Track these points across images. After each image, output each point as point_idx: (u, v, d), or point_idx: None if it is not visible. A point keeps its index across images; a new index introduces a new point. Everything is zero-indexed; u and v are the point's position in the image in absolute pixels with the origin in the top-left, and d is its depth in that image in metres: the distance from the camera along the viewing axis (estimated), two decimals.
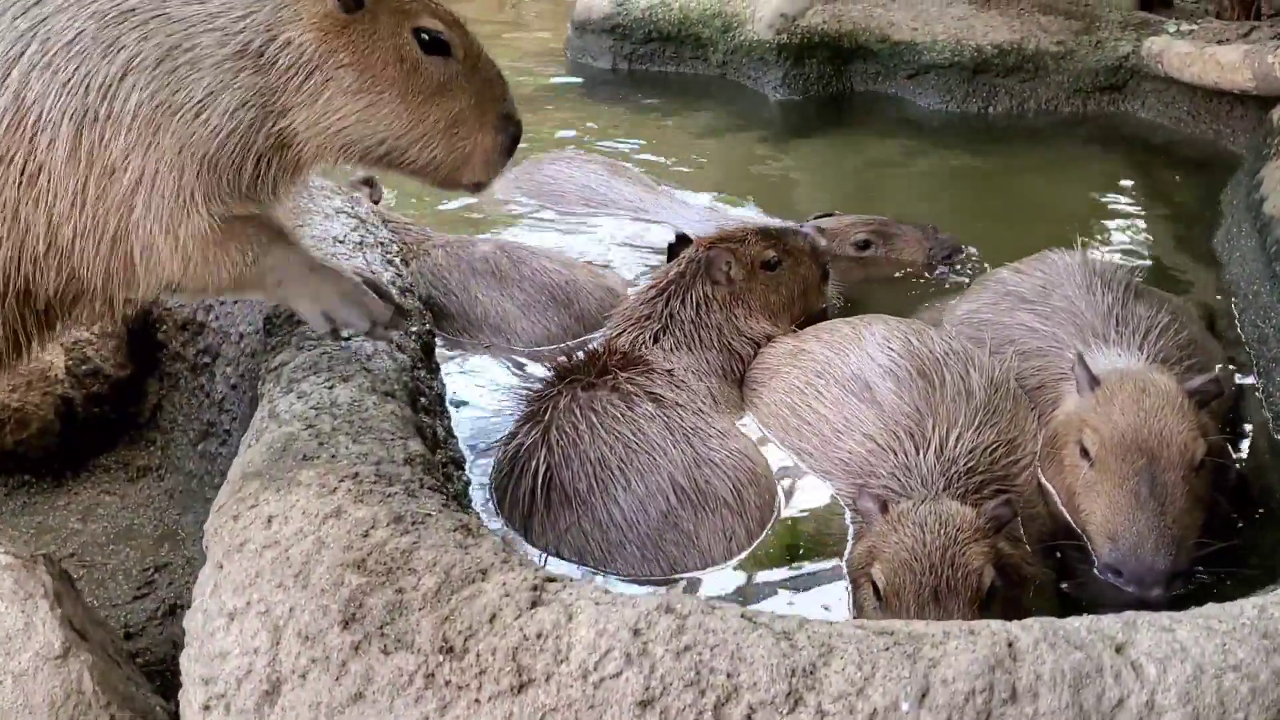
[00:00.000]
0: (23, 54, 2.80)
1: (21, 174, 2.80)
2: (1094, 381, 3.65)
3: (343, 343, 3.38)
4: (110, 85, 2.80)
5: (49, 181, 2.80)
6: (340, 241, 4.25)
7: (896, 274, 5.41)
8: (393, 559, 2.40)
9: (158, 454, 4.46)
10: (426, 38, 3.03)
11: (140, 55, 2.82)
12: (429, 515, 2.52)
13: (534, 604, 2.28)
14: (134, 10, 2.84)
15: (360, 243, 4.32)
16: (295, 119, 2.94)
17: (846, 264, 5.35)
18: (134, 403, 4.43)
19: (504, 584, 2.31)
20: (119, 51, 2.81)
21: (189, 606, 2.63)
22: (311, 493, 2.58)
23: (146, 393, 4.44)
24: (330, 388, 3.15)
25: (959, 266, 5.38)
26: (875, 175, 6.77)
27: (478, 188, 3.25)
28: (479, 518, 3.21)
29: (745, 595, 3.48)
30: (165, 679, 3.19)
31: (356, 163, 3.13)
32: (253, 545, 2.50)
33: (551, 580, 2.37)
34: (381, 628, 2.33)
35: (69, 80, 2.79)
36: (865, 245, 5.46)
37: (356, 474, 2.65)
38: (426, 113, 3.04)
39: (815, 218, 5.55)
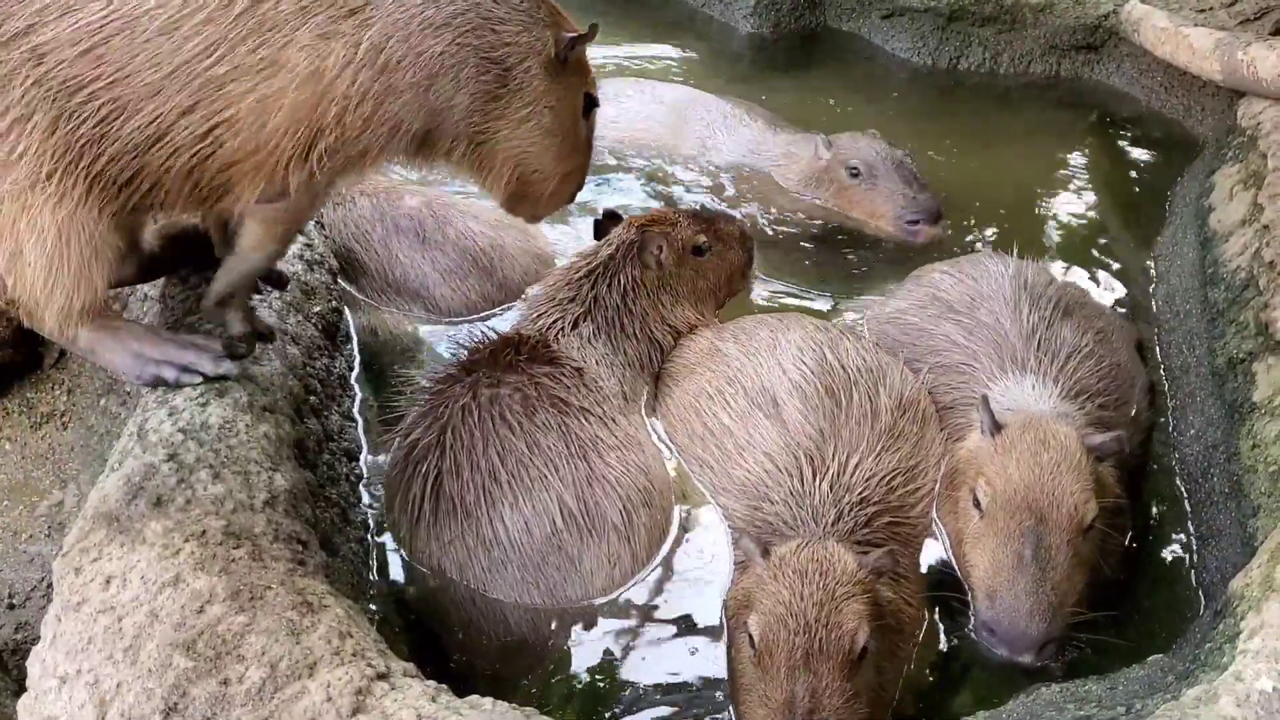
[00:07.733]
0: None
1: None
2: (996, 427, 3.59)
3: None
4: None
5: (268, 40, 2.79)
6: None
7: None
8: (223, 642, 2.36)
9: (63, 399, 4.39)
10: (590, 103, 3.43)
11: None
12: (268, 589, 2.47)
13: (355, 710, 2.25)
14: None
15: None
16: (498, 128, 3.19)
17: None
18: (43, 342, 4.34)
19: (328, 685, 2.28)
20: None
21: None
22: (154, 554, 2.52)
23: None
24: (204, 404, 3.06)
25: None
26: (837, 125, 6.56)
27: (534, 219, 3.73)
28: (335, 563, 3.16)
29: (622, 631, 3.48)
30: None
31: (497, 178, 3.33)
32: (89, 608, 2.46)
33: (382, 677, 2.34)
34: None
35: None
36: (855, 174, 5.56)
37: (204, 532, 2.59)
38: (569, 159, 3.42)
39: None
